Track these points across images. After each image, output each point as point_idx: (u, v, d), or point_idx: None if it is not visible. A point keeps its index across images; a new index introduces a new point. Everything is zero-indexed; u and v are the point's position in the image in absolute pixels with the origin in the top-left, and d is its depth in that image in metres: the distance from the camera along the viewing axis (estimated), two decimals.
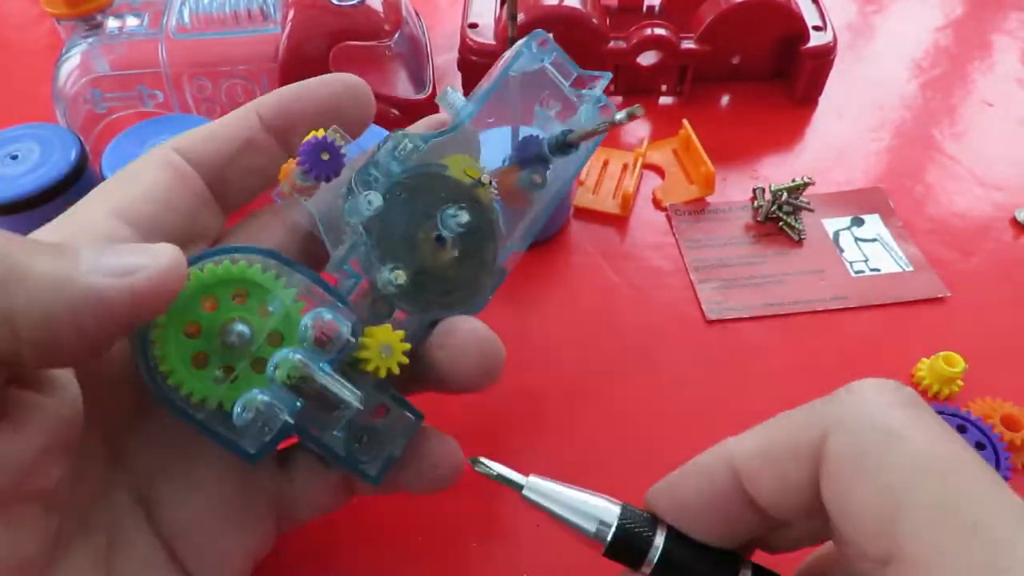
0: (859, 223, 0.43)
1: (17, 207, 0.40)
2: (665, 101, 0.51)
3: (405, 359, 0.23)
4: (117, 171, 0.24)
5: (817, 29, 0.49)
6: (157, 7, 0.44)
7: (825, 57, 0.48)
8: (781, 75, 0.51)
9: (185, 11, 0.43)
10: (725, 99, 0.51)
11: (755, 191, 0.43)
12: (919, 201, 0.44)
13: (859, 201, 0.44)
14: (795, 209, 0.42)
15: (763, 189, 0.43)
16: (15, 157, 0.41)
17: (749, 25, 0.48)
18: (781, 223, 0.42)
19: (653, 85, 0.50)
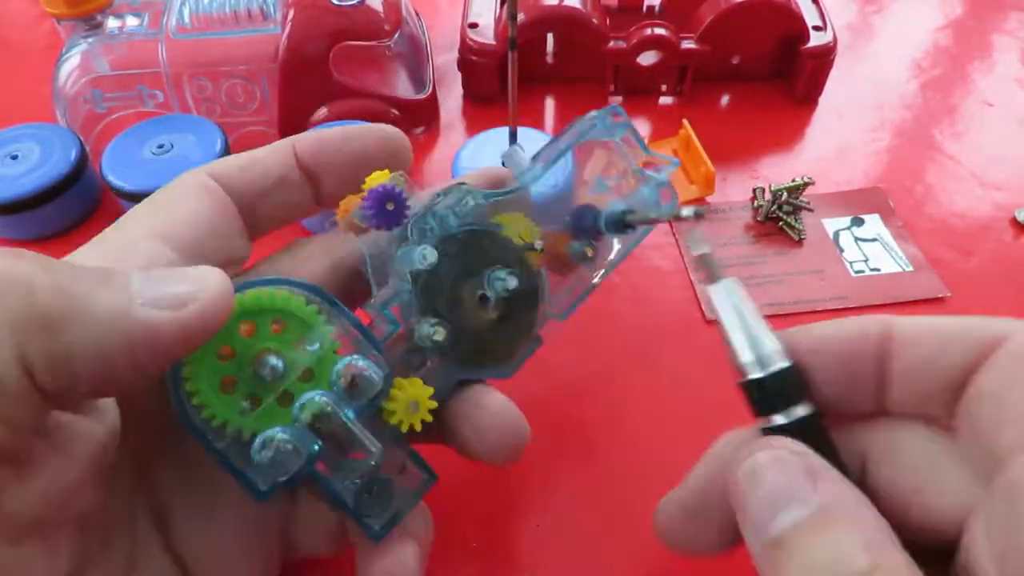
0: (859, 223, 0.43)
1: (17, 207, 0.40)
2: (665, 101, 0.51)
3: (430, 417, 0.23)
4: (151, 195, 0.24)
5: (817, 29, 0.49)
6: (157, 7, 0.44)
7: (825, 57, 0.48)
8: (781, 75, 0.51)
9: (185, 11, 0.43)
10: (725, 99, 0.51)
11: (755, 191, 0.43)
12: (919, 201, 0.44)
13: (859, 201, 0.44)
14: (795, 209, 0.42)
15: (763, 189, 0.43)
16: (15, 157, 0.41)
17: (749, 25, 0.48)
18: (781, 223, 0.42)
19: (653, 85, 0.50)
